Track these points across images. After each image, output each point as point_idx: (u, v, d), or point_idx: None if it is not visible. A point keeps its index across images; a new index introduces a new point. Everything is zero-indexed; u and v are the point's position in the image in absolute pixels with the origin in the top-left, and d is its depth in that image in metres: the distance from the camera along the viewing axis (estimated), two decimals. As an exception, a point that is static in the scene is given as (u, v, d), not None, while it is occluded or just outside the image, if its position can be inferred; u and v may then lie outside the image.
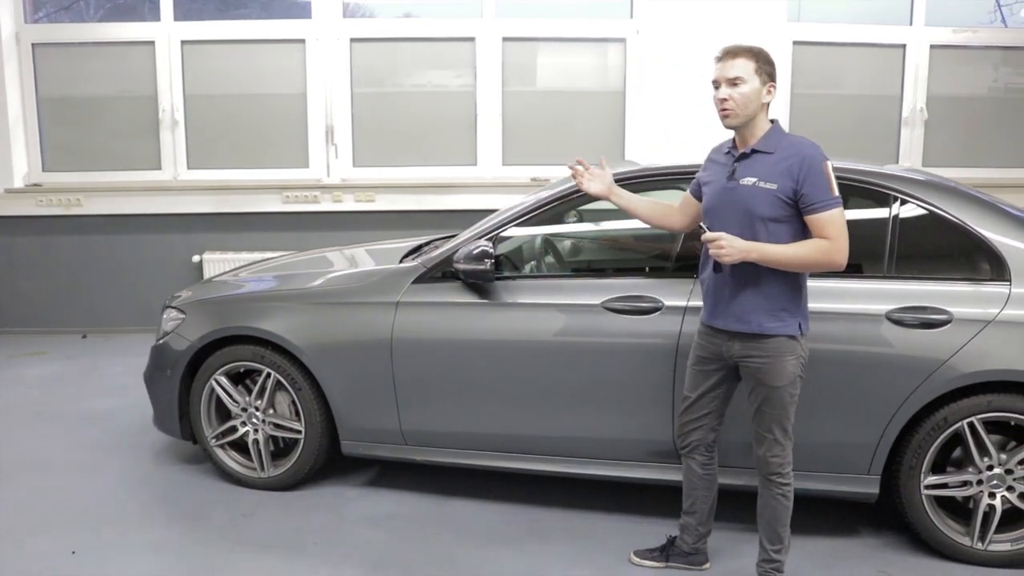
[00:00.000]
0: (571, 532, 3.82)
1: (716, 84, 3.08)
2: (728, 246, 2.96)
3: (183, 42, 7.09)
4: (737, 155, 3.11)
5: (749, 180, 3.04)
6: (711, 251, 2.99)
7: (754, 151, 3.08)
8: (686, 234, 3.61)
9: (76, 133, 7.26)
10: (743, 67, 3.03)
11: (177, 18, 7.08)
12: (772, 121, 3.12)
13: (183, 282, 5.85)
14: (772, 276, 3.04)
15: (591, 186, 3.48)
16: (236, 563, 3.58)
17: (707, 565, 3.51)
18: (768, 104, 3.09)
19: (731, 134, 3.20)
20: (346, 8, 7.19)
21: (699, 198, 3.31)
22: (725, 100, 3.04)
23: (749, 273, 3.04)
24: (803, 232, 3.02)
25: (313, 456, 4.13)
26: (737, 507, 3.70)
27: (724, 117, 3.07)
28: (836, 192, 2.98)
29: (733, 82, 3.03)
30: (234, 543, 3.73)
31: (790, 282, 3.07)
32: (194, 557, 3.63)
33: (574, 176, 3.53)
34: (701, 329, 3.27)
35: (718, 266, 3.08)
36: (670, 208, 3.46)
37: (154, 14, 7.10)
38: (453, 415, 3.92)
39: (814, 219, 2.98)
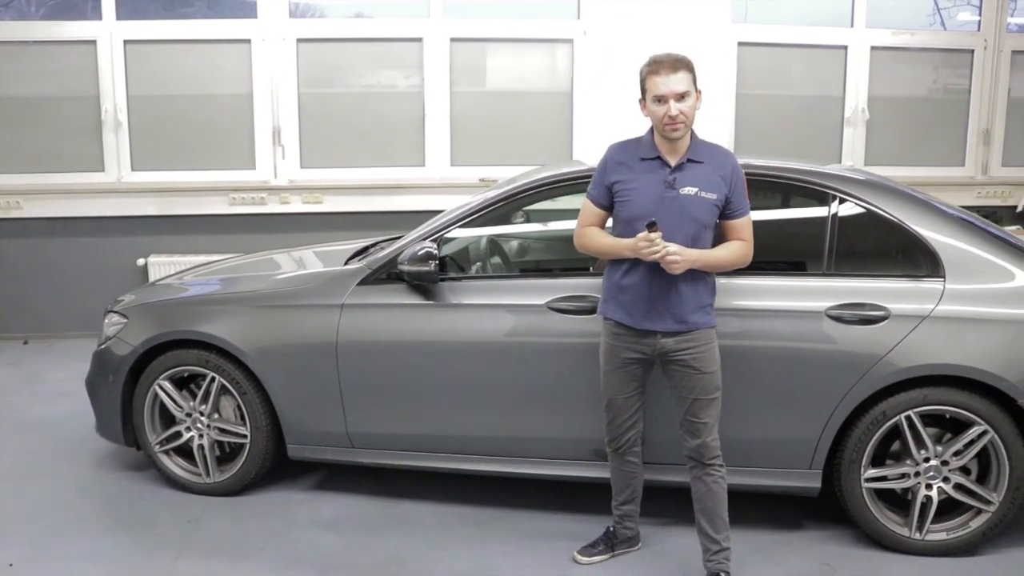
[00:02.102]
0: (519, 531, 3.84)
1: (662, 99, 3.08)
2: (682, 259, 3.05)
3: (126, 41, 6.95)
4: (674, 165, 3.16)
5: (690, 190, 3.12)
6: (667, 266, 3.04)
7: (688, 160, 3.15)
8: None
9: (15, 134, 7.08)
10: (686, 80, 3.09)
11: (120, 17, 6.94)
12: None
13: (128, 286, 5.77)
14: (703, 277, 3.20)
15: (678, 268, 3.09)
16: (182, 571, 3.54)
17: (640, 543, 3.67)
18: None
19: (632, 135, 3.28)
20: (294, 8, 7.13)
21: (607, 205, 3.28)
22: (676, 116, 3.07)
23: (686, 276, 3.14)
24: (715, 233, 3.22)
25: (259, 460, 4.10)
26: (666, 498, 3.75)
27: (674, 131, 3.10)
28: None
29: (682, 96, 3.08)
30: (179, 550, 3.69)
31: (712, 280, 3.26)
32: (138, 566, 3.58)
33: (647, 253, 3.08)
34: (621, 331, 3.27)
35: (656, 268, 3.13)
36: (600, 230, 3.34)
37: (97, 13, 6.97)
38: (399, 417, 3.91)
39: (736, 223, 3.21)
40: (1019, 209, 7.61)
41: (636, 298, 3.21)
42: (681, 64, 3.10)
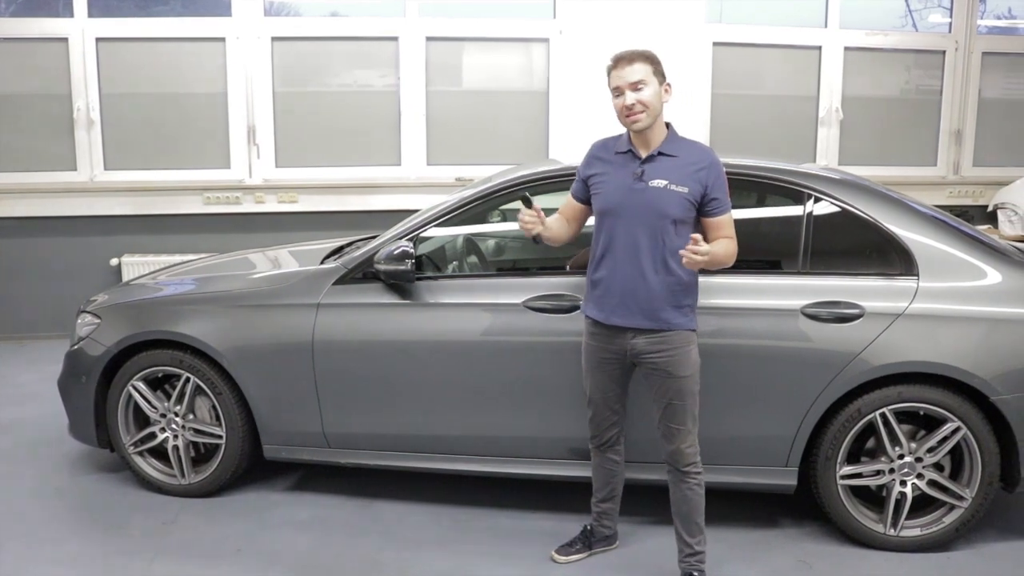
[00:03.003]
0: (497, 531, 3.84)
1: (618, 91, 3.13)
2: (705, 257, 3.00)
3: (98, 39, 6.89)
4: (644, 157, 3.16)
5: (659, 183, 3.11)
6: (694, 263, 2.97)
7: (660, 154, 3.15)
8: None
9: (-14, 133, 7.03)
10: (642, 71, 3.10)
11: (92, 14, 6.87)
12: (667, 123, 3.21)
13: (101, 286, 5.72)
14: (680, 274, 3.14)
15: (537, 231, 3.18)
16: (157, 573, 3.51)
17: (617, 542, 3.67)
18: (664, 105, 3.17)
19: (614, 132, 3.29)
20: (268, 6, 7.09)
21: (582, 199, 3.33)
22: (633, 105, 3.09)
23: (657, 269, 3.11)
24: (696, 231, 3.13)
25: (235, 461, 4.07)
26: (645, 497, 3.76)
27: (634, 122, 3.12)
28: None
29: (636, 86, 3.09)
30: (155, 553, 3.66)
31: (692, 279, 3.20)
32: (113, 569, 3.54)
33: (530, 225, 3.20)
34: (596, 330, 3.29)
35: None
36: (564, 221, 3.39)
37: (68, 10, 6.89)
38: (376, 417, 3.90)
39: (717, 220, 3.14)
40: (990, 208, 7.70)
41: (606, 292, 3.22)
42: (638, 56, 3.13)
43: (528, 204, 3.16)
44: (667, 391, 3.20)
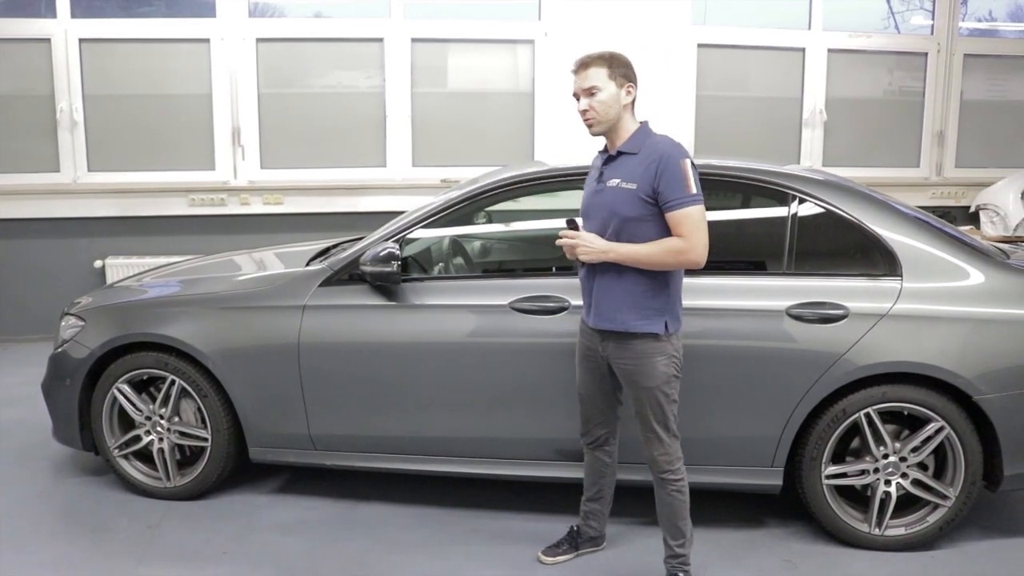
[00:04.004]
0: (483, 533, 3.84)
1: (576, 97, 3.16)
2: (586, 249, 3.02)
3: (81, 40, 6.87)
4: (605, 157, 3.20)
5: (614, 181, 3.11)
6: (567, 254, 3.07)
7: (620, 152, 3.15)
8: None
9: (-32, 134, 6.98)
10: (596, 75, 3.10)
11: (75, 15, 6.86)
12: (642, 122, 3.18)
13: (85, 289, 5.68)
14: (636, 275, 3.07)
15: (587, 257, 3.08)
16: (141, 576, 3.50)
17: (604, 543, 3.66)
18: (631, 104, 3.16)
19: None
20: (253, 8, 7.07)
21: None
22: (586, 111, 3.12)
23: (613, 272, 3.09)
24: (669, 231, 3.05)
25: (220, 464, 4.06)
26: (633, 498, 3.77)
27: (589, 126, 3.15)
28: (694, 190, 3.01)
29: (589, 92, 3.11)
30: (140, 556, 3.64)
31: (655, 281, 3.09)
32: (98, 572, 3.52)
33: (566, 247, 3.14)
34: (582, 327, 3.32)
35: (583, 263, 3.16)
36: None
37: (51, 11, 6.85)
38: (362, 419, 3.90)
39: (670, 217, 3.01)
40: (972, 209, 7.76)
41: (582, 292, 3.26)
42: (593, 61, 3.13)
43: (572, 225, 3.12)
44: (634, 398, 3.20)
